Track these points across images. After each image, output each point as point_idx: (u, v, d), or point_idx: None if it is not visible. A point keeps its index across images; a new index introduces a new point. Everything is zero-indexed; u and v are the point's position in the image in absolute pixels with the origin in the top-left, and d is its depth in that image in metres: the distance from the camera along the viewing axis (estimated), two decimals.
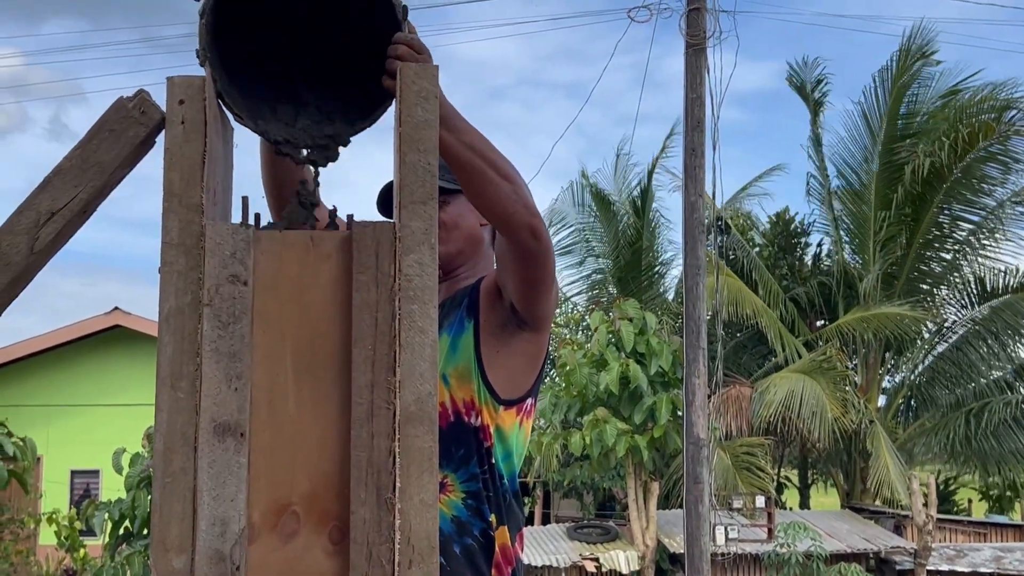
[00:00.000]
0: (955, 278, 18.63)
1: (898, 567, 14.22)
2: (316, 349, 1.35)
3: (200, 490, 1.28)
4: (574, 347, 13.88)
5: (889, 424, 17.65)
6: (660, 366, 12.94)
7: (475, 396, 2.07)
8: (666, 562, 13.79)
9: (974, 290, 18.57)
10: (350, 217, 1.39)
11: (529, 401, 2.14)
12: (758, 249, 20.18)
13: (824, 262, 20.28)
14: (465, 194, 1.92)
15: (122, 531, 7.84)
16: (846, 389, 16.42)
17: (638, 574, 13.23)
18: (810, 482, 22.42)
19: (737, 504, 14.06)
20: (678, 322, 15.57)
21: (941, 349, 18.56)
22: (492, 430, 2.07)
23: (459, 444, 2.05)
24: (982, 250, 18.32)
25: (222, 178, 1.46)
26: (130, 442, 8.73)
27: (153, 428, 1.31)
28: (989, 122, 16.41)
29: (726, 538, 13.00)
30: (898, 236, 17.45)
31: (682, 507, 10.64)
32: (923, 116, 17.88)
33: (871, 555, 14.31)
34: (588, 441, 12.73)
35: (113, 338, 17.65)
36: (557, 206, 19.58)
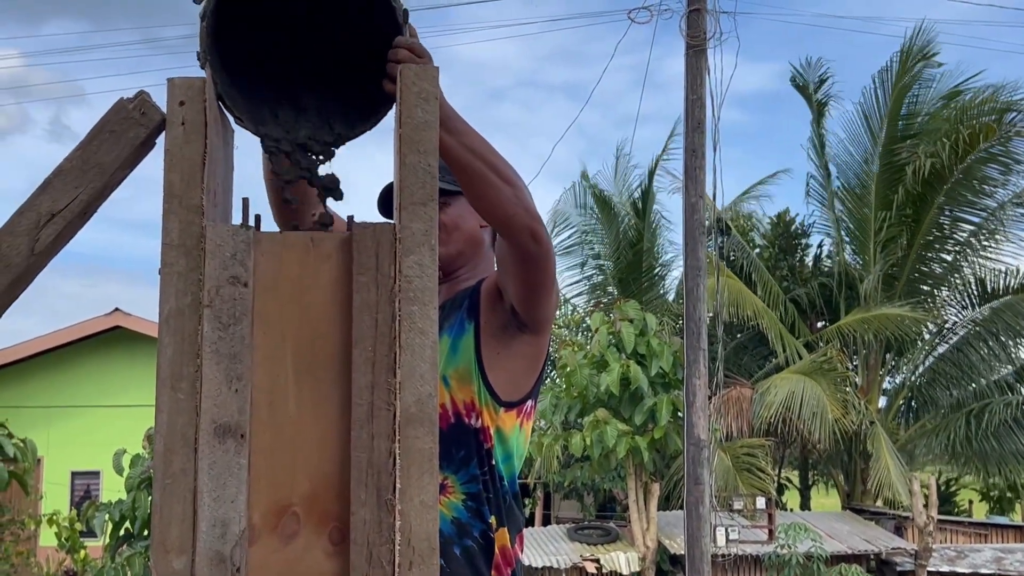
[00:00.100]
0: (956, 279, 18.63)
1: (899, 568, 14.21)
2: (316, 350, 1.35)
3: (200, 491, 1.28)
4: (575, 348, 13.89)
5: (890, 425, 17.64)
6: (661, 367, 12.95)
7: (476, 398, 2.06)
8: (667, 563, 13.78)
9: (974, 291, 18.57)
10: (350, 218, 1.39)
11: (529, 403, 2.14)
12: (758, 250, 20.18)
13: (824, 263, 20.28)
14: (465, 196, 1.92)
15: (123, 532, 7.84)
16: (846, 390, 16.41)
17: (638, 575, 13.23)
18: (811, 483, 22.42)
19: (738, 505, 14.06)
20: (679, 323, 15.56)
21: (942, 350, 18.55)
22: (492, 432, 2.07)
23: (459, 446, 2.05)
24: (983, 251, 18.32)
25: (222, 179, 1.46)
26: (131, 443, 8.72)
27: (153, 429, 1.31)
28: (990, 124, 16.41)
29: (727, 539, 13.01)
30: (899, 237, 17.45)
31: (683, 508, 10.64)
32: (924, 117, 17.88)
33: (872, 556, 14.30)
34: (589, 442, 12.73)
35: (113, 339, 17.64)
36: (560, 207, 19.60)
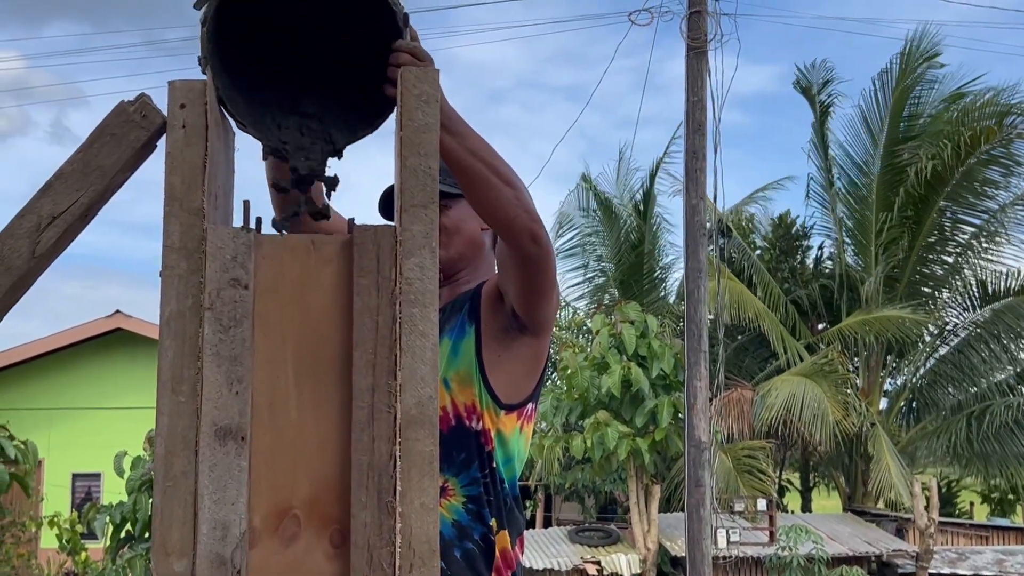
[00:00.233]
0: (956, 281, 18.62)
1: (900, 570, 14.20)
2: (317, 353, 1.35)
3: (201, 494, 1.28)
4: (575, 350, 13.88)
5: (891, 427, 17.63)
6: (662, 369, 12.95)
7: (476, 400, 2.06)
8: (667, 565, 13.78)
9: (975, 293, 18.56)
10: (351, 221, 1.39)
11: (530, 406, 2.14)
12: (759, 252, 20.17)
13: (825, 265, 20.27)
14: (466, 198, 1.92)
15: (123, 534, 7.83)
16: (847, 392, 16.40)
17: None
18: (812, 485, 22.39)
19: (739, 507, 14.05)
20: (680, 325, 15.56)
21: (943, 352, 18.54)
22: (493, 434, 2.07)
23: (460, 448, 2.05)
24: (984, 253, 18.32)
25: (223, 182, 1.46)
26: (131, 445, 8.71)
27: (154, 431, 1.31)
28: (991, 126, 16.40)
29: (727, 541, 13.00)
30: (899, 239, 17.44)
31: (683, 510, 10.63)
32: (926, 119, 17.88)
33: (873, 558, 14.29)
34: (589, 444, 12.73)
35: (114, 341, 17.64)
36: (564, 209, 19.63)
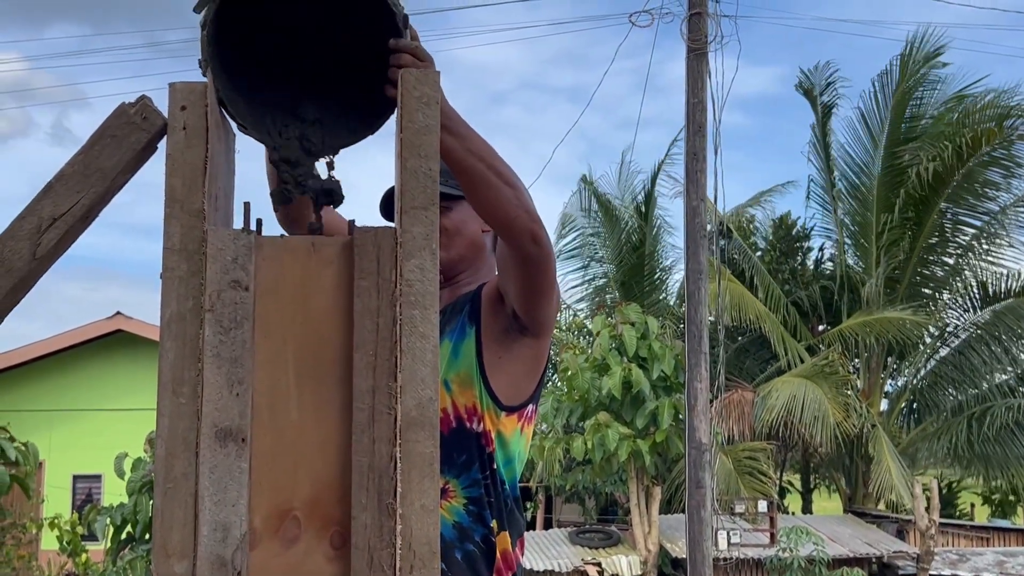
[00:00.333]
0: (957, 282, 18.62)
1: (901, 572, 14.19)
2: (317, 354, 1.35)
3: (202, 495, 1.28)
4: (576, 351, 13.88)
5: (891, 428, 17.63)
6: (662, 370, 12.95)
7: (477, 402, 2.06)
8: (668, 567, 13.77)
9: (976, 294, 18.56)
10: (351, 222, 1.39)
11: (530, 407, 2.14)
12: (760, 253, 20.18)
13: (826, 266, 20.27)
14: (467, 199, 1.92)
15: (124, 536, 7.84)
16: (848, 393, 16.40)
17: None
18: (812, 487, 22.38)
19: (739, 509, 14.05)
20: (680, 326, 15.56)
21: (943, 353, 18.54)
22: (494, 436, 2.07)
23: (461, 450, 2.05)
24: (986, 256, 18.32)
25: (224, 184, 1.46)
26: (132, 447, 8.72)
27: (155, 433, 1.31)
28: (992, 128, 16.40)
29: (728, 543, 13.00)
30: (900, 240, 17.44)
31: (684, 512, 10.63)
32: (927, 121, 17.88)
33: (873, 560, 14.29)
34: (590, 446, 12.73)
35: (115, 343, 17.65)
36: (567, 210, 19.65)
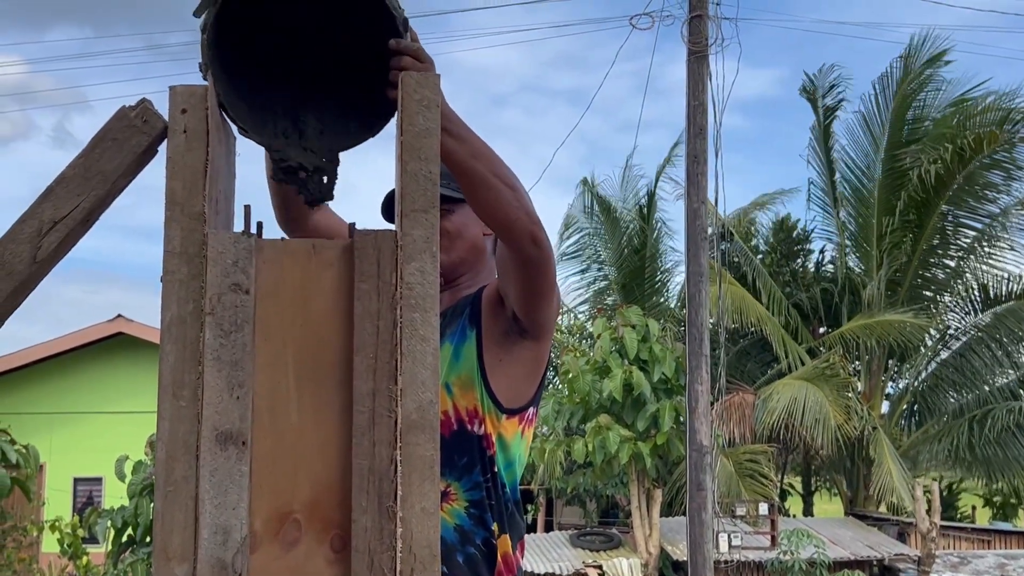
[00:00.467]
0: (958, 285, 18.61)
1: (902, 574, 14.19)
2: (318, 357, 1.35)
3: (202, 498, 1.28)
4: (577, 354, 13.89)
5: (892, 431, 17.62)
6: (663, 373, 12.95)
7: (478, 405, 2.06)
8: (669, 569, 13.77)
9: (977, 297, 18.55)
10: (351, 225, 1.39)
11: (531, 410, 2.14)
12: (761, 256, 20.18)
13: (827, 269, 20.26)
14: (467, 200, 1.92)
15: (125, 539, 7.85)
16: (849, 396, 16.39)
17: None
18: (813, 489, 22.36)
19: (740, 511, 14.04)
20: (681, 329, 15.57)
21: (944, 356, 18.54)
22: (495, 439, 2.07)
23: (462, 453, 2.05)
24: (988, 259, 18.32)
25: (224, 187, 1.46)
26: (133, 449, 8.73)
27: (155, 436, 1.31)
28: (993, 130, 16.40)
29: (729, 545, 12.98)
30: (901, 243, 17.44)
31: (685, 514, 10.62)
32: (929, 123, 17.88)
33: (875, 562, 14.28)
34: (591, 448, 12.73)
35: (116, 345, 17.66)
36: (571, 211, 19.66)
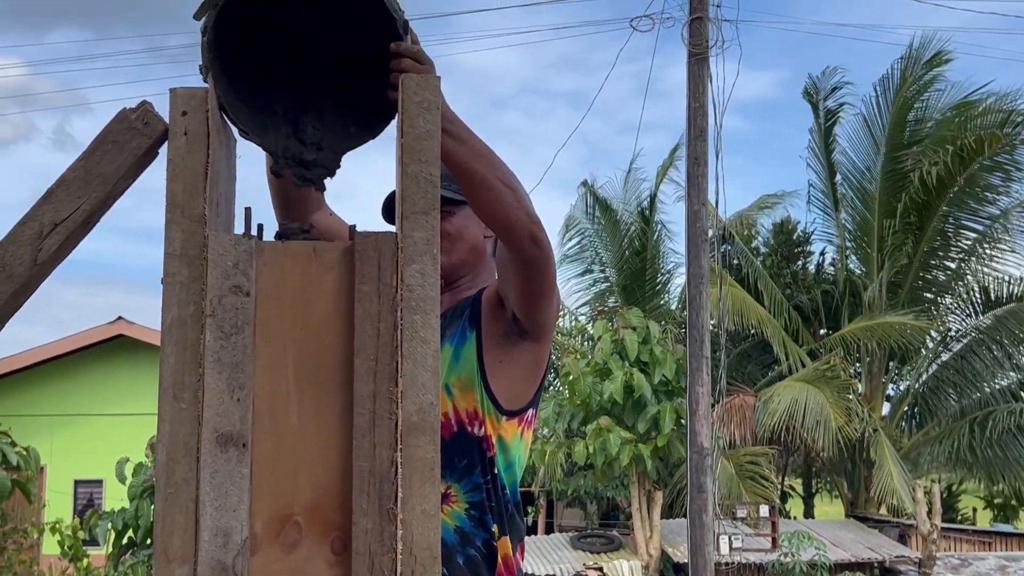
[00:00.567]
0: (959, 287, 18.61)
1: None
2: (318, 359, 1.35)
3: (202, 500, 1.28)
4: (577, 356, 13.88)
5: (893, 433, 17.61)
6: (664, 375, 12.94)
7: (478, 406, 2.06)
8: (670, 571, 13.76)
9: (978, 299, 18.55)
10: (352, 227, 1.39)
11: (530, 411, 2.14)
12: (761, 258, 20.18)
13: (827, 271, 20.26)
14: (467, 201, 1.92)
15: (125, 541, 7.84)
16: (850, 398, 16.39)
17: None
18: (814, 491, 22.36)
19: (741, 513, 14.03)
20: (681, 330, 15.56)
21: (945, 358, 18.53)
22: (495, 440, 2.07)
23: (462, 454, 2.05)
24: (990, 261, 18.31)
25: (225, 189, 1.46)
26: (133, 451, 8.73)
27: (156, 438, 1.31)
28: (995, 132, 16.40)
29: (730, 547, 12.97)
30: (902, 245, 17.43)
31: (686, 516, 10.62)
32: (931, 124, 17.88)
33: (875, 564, 14.27)
34: (592, 450, 12.73)
35: (117, 348, 17.65)
36: (572, 213, 19.67)
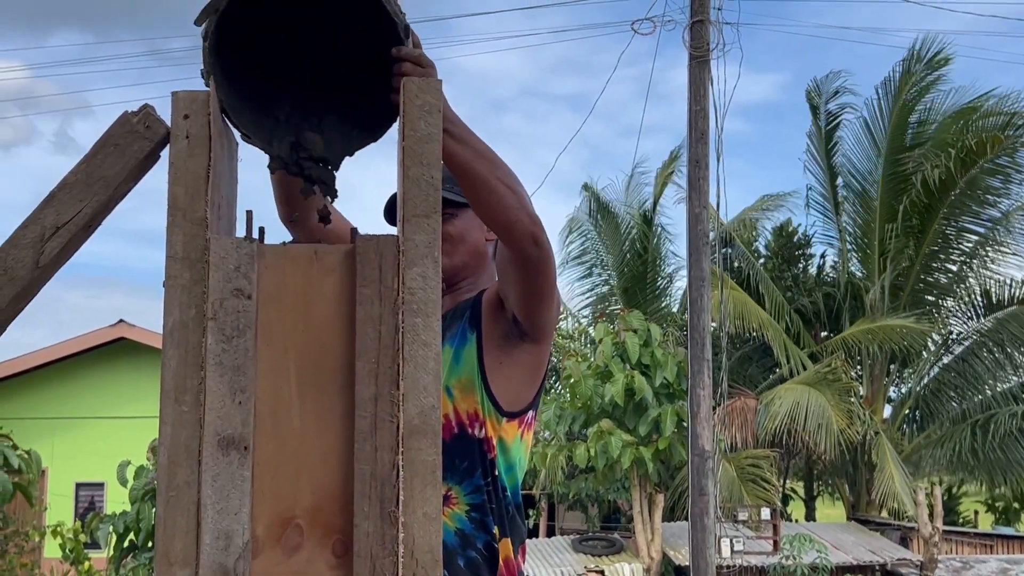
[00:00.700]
0: (961, 290, 18.60)
1: None
2: (320, 362, 1.35)
3: (204, 504, 1.28)
4: (579, 359, 13.88)
5: (894, 436, 17.59)
6: (665, 378, 12.94)
7: (479, 408, 2.07)
8: (671, 574, 13.74)
9: (979, 302, 18.54)
10: (353, 230, 1.39)
11: (530, 413, 2.14)
12: (763, 261, 20.17)
13: (828, 274, 20.25)
14: (468, 202, 1.92)
15: (126, 544, 7.85)
16: (851, 401, 16.37)
17: None
18: (816, 494, 22.36)
19: (742, 516, 14.01)
20: (683, 333, 15.56)
21: (947, 361, 18.52)
22: (495, 442, 2.07)
23: (463, 456, 2.05)
24: (991, 264, 18.30)
25: (226, 192, 1.46)
26: (135, 454, 8.74)
27: (157, 441, 1.31)
28: (996, 135, 16.39)
29: (731, 550, 12.95)
30: (904, 248, 17.42)
31: (687, 519, 10.61)
32: (932, 127, 17.87)
33: (877, 567, 14.25)
34: (593, 453, 12.72)
35: (118, 350, 17.66)
36: (577, 215, 19.68)
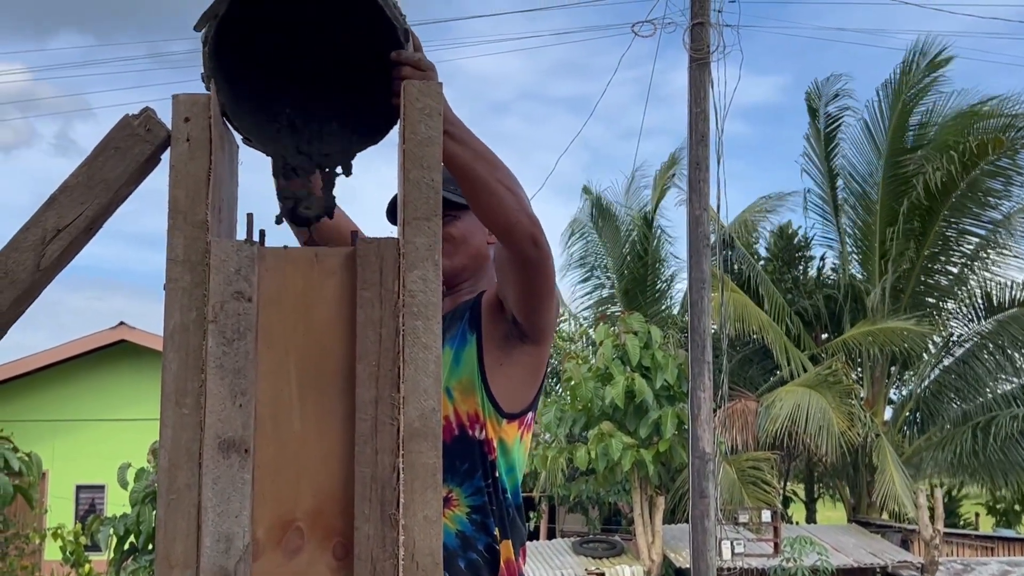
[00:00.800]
0: (961, 292, 18.59)
1: None
2: (320, 365, 1.35)
3: (204, 506, 1.28)
4: (579, 361, 13.88)
5: (895, 438, 17.58)
6: (666, 380, 12.94)
7: (479, 409, 2.07)
8: None
9: (980, 304, 18.53)
10: (354, 233, 1.40)
11: (530, 415, 2.14)
12: (763, 263, 20.17)
13: (828, 276, 20.25)
14: (468, 203, 1.93)
15: (127, 546, 7.84)
16: (852, 403, 16.36)
17: None
18: (816, 496, 22.34)
19: (743, 518, 14.01)
20: (683, 335, 15.55)
21: (947, 363, 18.51)
22: (496, 443, 2.08)
23: (464, 458, 2.06)
24: (992, 266, 18.30)
25: (227, 195, 1.46)
26: (135, 457, 8.73)
27: (158, 444, 1.31)
28: (997, 136, 16.38)
29: (732, 553, 12.95)
30: (904, 250, 17.42)
31: (688, 521, 10.61)
32: (933, 129, 17.87)
33: (878, 569, 14.25)
34: (593, 455, 12.71)
35: (119, 353, 17.66)
36: (579, 216, 19.70)
